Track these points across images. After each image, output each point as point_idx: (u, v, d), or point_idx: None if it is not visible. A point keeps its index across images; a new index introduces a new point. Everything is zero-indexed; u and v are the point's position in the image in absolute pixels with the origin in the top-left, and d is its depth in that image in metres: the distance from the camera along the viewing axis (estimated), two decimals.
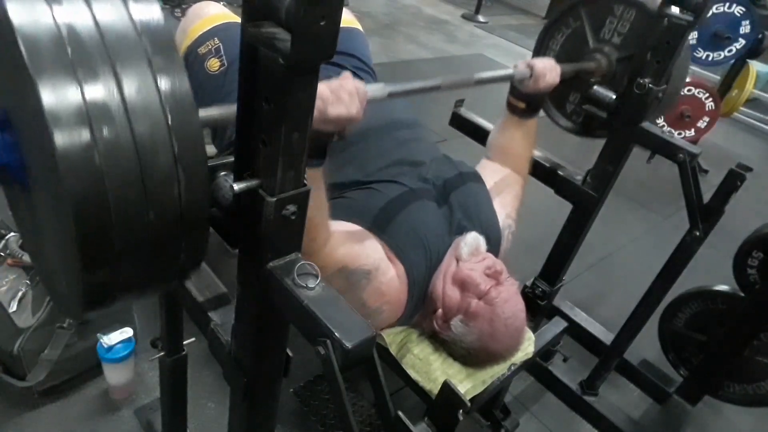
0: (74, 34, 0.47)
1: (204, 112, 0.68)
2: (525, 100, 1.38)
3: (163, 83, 0.50)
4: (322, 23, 0.51)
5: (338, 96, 0.85)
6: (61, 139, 0.45)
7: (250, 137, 0.64)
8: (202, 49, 1.38)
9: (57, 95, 0.45)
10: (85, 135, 0.46)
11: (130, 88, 0.49)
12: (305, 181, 0.67)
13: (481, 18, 6.18)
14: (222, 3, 4.63)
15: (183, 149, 0.52)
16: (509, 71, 1.30)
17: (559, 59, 1.59)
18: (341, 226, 1.11)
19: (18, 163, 0.56)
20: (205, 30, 1.40)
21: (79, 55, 0.47)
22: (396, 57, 4.51)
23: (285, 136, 0.60)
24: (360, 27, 1.67)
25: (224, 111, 0.73)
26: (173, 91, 0.51)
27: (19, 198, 0.66)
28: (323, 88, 0.83)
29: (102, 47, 0.48)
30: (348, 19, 1.61)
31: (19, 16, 0.46)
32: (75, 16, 0.48)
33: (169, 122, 0.50)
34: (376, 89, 0.96)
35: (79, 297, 0.54)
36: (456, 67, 4.72)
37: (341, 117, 0.85)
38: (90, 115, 0.46)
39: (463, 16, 6.24)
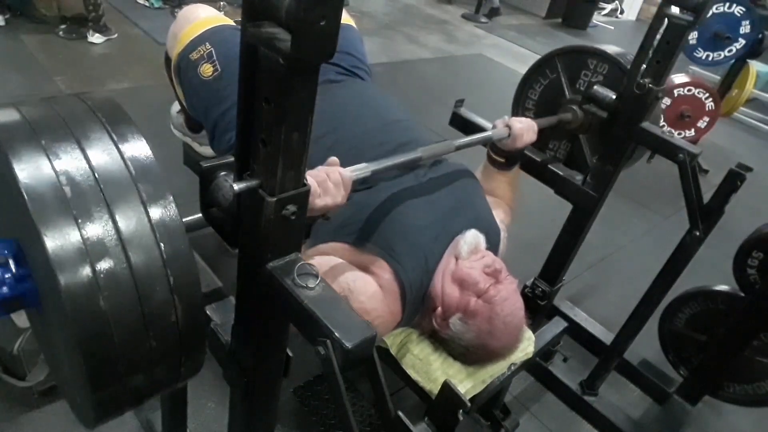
0: (72, 181, 0.53)
1: (190, 218, 0.73)
2: (505, 156, 1.43)
3: (153, 213, 0.56)
4: (322, 23, 0.51)
5: (325, 188, 0.90)
6: (65, 280, 0.50)
7: (250, 137, 0.64)
8: (194, 55, 1.38)
9: (59, 240, 0.50)
10: (86, 273, 0.51)
11: (124, 223, 0.54)
12: (305, 182, 0.67)
13: (481, 18, 6.18)
14: (221, 3, 4.58)
15: (177, 276, 0.57)
16: (488, 133, 1.36)
17: (538, 108, 1.66)
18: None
19: (32, 291, 0.60)
20: (195, 35, 1.40)
21: (77, 199, 0.52)
22: (396, 57, 4.51)
23: (285, 136, 0.60)
24: (352, 22, 1.67)
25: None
26: (163, 219, 0.56)
27: (35, 316, 0.71)
28: (310, 180, 0.88)
29: (97, 189, 0.54)
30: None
31: (23, 171, 0.51)
32: (72, 164, 0.53)
33: (162, 250, 0.55)
34: (359, 170, 1.00)
35: (91, 411, 0.59)
36: (456, 67, 4.72)
37: (328, 207, 0.90)
38: (90, 254, 0.51)
39: (463, 16, 6.24)
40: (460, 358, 1.20)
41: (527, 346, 1.27)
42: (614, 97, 1.41)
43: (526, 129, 1.36)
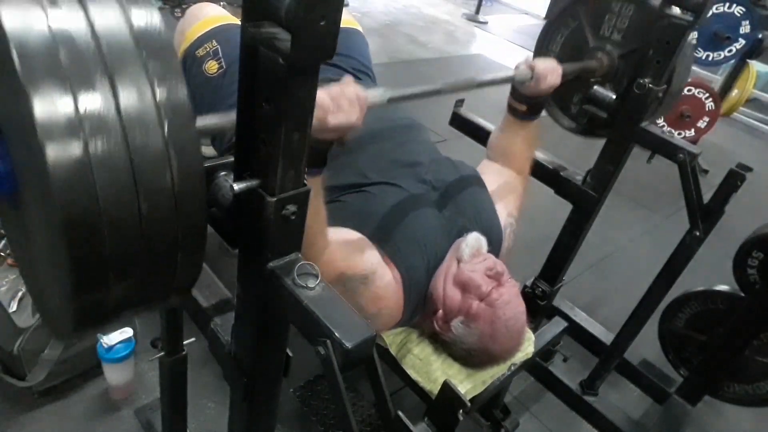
0: (69, 41, 0.45)
1: (202, 121, 0.66)
2: (526, 103, 1.35)
3: (160, 91, 0.48)
4: (322, 23, 0.51)
5: (338, 104, 0.83)
6: (52, 152, 0.44)
7: (250, 137, 0.64)
8: (200, 52, 1.38)
9: (49, 106, 0.43)
10: (78, 148, 0.44)
11: (125, 97, 0.47)
12: (305, 182, 0.67)
13: (481, 18, 6.18)
14: (222, 3, 4.62)
15: (180, 158, 0.50)
16: (510, 73, 1.27)
17: (560, 60, 1.57)
18: (339, 234, 1.10)
19: (7, 175, 0.54)
20: (202, 32, 1.40)
21: (74, 62, 0.45)
22: (396, 57, 4.51)
23: (285, 136, 0.60)
24: (360, 28, 1.67)
25: (222, 119, 0.71)
26: (170, 99, 0.49)
27: (9, 213, 0.63)
28: (323, 95, 0.79)
29: (97, 54, 0.46)
30: (347, 19, 1.60)
31: (12, 21, 0.44)
32: (70, 22, 0.46)
33: (166, 132, 0.49)
34: (375, 95, 0.93)
35: (70, 317, 0.52)
36: (456, 68, 4.72)
37: (341, 126, 0.83)
38: (83, 127, 0.45)
39: (463, 16, 6.24)
40: (461, 360, 1.20)
41: (527, 346, 1.27)
42: (614, 97, 1.41)
43: (550, 70, 1.28)
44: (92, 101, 0.45)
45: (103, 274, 0.50)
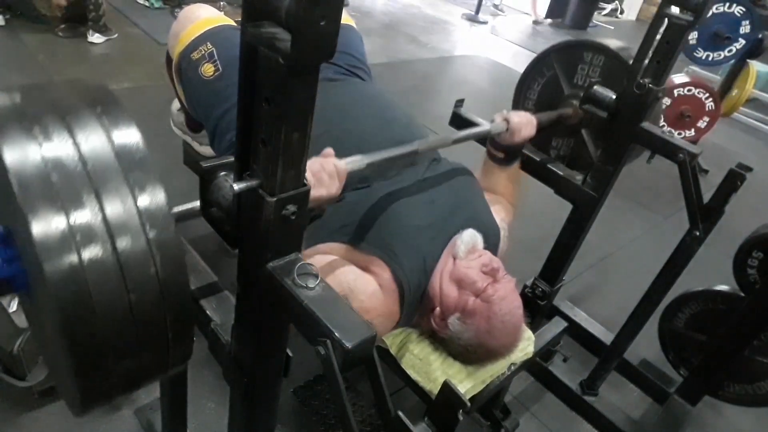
0: (59, 166, 0.53)
1: (178, 208, 0.72)
2: (504, 151, 1.42)
3: (141, 200, 0.56)
4: (322, 23, 0.51)
5: (319, 179, 0.89)
6: (48, 263, 0.51)
7: (250, 137, 0.64)
8: (195, 55, 1.38)
9: (45, 225, 0.51)
10: (70, 257, 0.52)
11: (111, 208, 0.54)
12: (305, 181, 0.67)
13: (481, 18, 6.19)
14: (221, 3, 4.59)
15: (164, 260, 0.57)
16: (486, 127, 1.35)
17: (539, 106, 1.64)
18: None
19: (21, 274, 0.61)
20: (197, 35, 1.40)
21: (64, 184, 0.53)
22: (396, 57, 4.51)
23: (285, 136, 0.60)
24: (353, 23, 1.67)
25: (195, 205, 0.76)
26: (150, 206, 0.56)
27: (28, 305, 0.71)
28: None
29: (84, 174, 0.54)
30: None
31: (11, 155, 0.51)
32: (60, 149, 0.54)
33: (148, 232, 0.56)
34: (354, 162, 0.98)
35: (78, 398, 0.60)
36: (455, 68, 4.72)
37: (322, 199, 0.89)
38: (75, 239, 0.52)
39: (463, 16, 6.24)
40: (459, 357, 1.20)
41: (527, 346, 1.27)
42: (614, 97, 1.41)
43: (524, 123, 1.35)
44: (82, 216, 0.53)
45: (101, 357, 0.57)
